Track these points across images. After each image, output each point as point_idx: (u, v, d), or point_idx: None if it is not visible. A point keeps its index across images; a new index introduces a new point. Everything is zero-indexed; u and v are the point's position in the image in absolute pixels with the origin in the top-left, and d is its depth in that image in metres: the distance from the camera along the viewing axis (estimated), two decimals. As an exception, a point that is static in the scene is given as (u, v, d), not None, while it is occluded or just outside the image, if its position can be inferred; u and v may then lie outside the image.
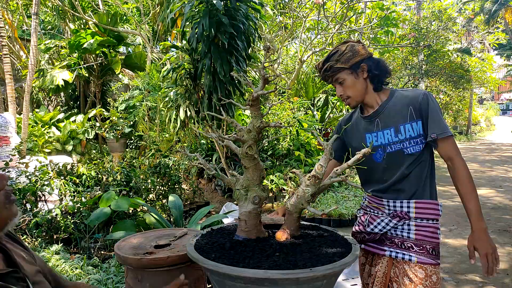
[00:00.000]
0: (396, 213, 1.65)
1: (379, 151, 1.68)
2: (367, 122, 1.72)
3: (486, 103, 33.54)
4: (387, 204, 1.68)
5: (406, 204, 1.64)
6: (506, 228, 4.90)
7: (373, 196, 1.74)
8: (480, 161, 10.83)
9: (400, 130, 1.62)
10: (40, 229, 3.37)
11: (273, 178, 5.63)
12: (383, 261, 1.68)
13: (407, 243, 1.63)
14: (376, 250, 1.71)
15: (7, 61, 6.40)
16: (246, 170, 1.59)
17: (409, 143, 1.61)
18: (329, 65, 1.67)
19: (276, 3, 7.91)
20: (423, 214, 1.63)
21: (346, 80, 1.67)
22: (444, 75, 12.25)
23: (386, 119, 1.66)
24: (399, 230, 1.65)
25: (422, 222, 1.63)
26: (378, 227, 1.68)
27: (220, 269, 1.28)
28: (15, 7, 10.13)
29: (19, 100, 9.16)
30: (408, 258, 1.61)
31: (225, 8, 4.10)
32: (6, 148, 5.36)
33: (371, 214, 1.75)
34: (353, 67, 1.65)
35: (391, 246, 1.67)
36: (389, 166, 1.66)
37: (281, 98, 8.00)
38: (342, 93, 1.70)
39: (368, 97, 1.70)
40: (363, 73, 1.66)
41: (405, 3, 15.18)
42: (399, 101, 1.65)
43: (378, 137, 1.68)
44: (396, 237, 1.66)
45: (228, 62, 4.22)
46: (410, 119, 1.61)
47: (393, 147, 1.64)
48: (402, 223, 1.64)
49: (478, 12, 18.72)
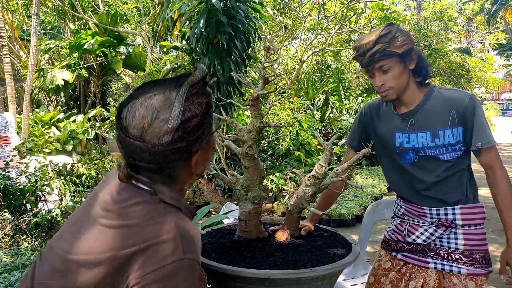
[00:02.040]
0: (440, 222, 1.50)
1: (410, 153, 1.54)
2: (400, 119, 1.55)
3: (486, 103, 33.54)
4: (429, 212, 1.53)
5: (451, 211, 1.50)
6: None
7: (411, 203, 1.59)
8: (480, 161, 10.79)
9: (439, 135, 1.47)
10: (40, 229, 3.36)
11: (273, 178, 5.63)
12: (430, 274, 1.51)
13: (454, 254, 1.49)
14: (418, 262, 1.55)
15: (7, 61, 6.40)
16: (246, 170, 1.59)
17: (447, 149, 1.48)
18: (381, 48, 1.41)
19: (276, 3, 7.91)
20: (470, 220, 1.50)
21: (393, 69, 1.44)
22: (444, 75, 12.25)
23: (423, 120, 1.49)
24: (445, 241, 1.51)
25: (470, 229, 1.50)
26: (421, 237, 1.54)
27: (220, 269, 1.28)
28: (15, 7, 10.12)
29: (19, 100, 9.16)
30: (457, 270, 1.48)
31: (224, 8, 4.10)
32: (6, 148, 5.36)
33: (410, 223, 1.60)
34: (404, 54, 1.43)
35: (436, 258, 1.52)
36: (421, 170, 1.53)
37: (281, 98, 8.00)
38: (383, 82, 1.47)
39: (408, 93, 1.50)
40: (411, 63, 1.47)
41: (405, 3, 15.18)
42: (440, 102, 1.48)
43: (410, 139, 1.52)
44: (441, 249, 1.52)
45: (227, 62, 4.22)
46: (451, 124, 1.46)
47: (427, 151, 1.50)
48: (448, 232, 1.50)
49: (478, 12, 18.72)
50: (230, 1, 4.07)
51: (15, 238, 3.35)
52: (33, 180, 3.60)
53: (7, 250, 3.14)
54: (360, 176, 7.01)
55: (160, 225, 0.86)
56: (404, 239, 1.59)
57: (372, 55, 1.43)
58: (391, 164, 1.64)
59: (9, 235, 3.33)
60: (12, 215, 3.46)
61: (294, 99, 7.58)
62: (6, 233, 3.31)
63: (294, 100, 7.40)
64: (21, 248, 3.19)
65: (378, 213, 2.70)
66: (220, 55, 4.19)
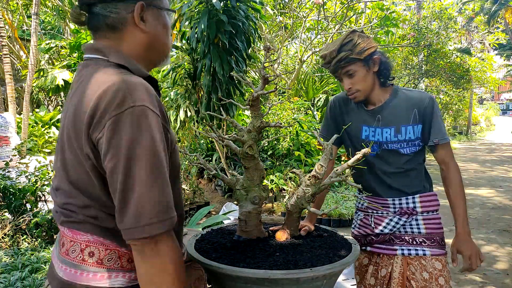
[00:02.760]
0: (402, 210, 1.64)
1: (374, 146, 1.66)
2: (368, 114, 1.67)
3: (486, 103, 33.55)
4: (392, 203, 1.66)
5: (412, 200, 1.65)
6: (506, 228, 4.90)
7: (374, 196, 1.71)
8: (480, 161, 10.83)
9: (401, 131, 1.61)
10: (40, 229, 3.37)
11: (273, 178, 5.63)
12: (396, 260, 1.64)
13: (418, 238, 1.63)
14: (386, 251, 1.67)
15: (7, 61, 6.40)
16: (246, 170, 1.59)
17: (407, 144, 1.62)
18: (344, 55, 1.55)
19: (276, 3, 7.91)
20: (428, 207, 1.65)
21: (358, 73, 1.58)
22: (444, 75, 12.25)
23: (388, 117, 1.63)
24: (408, 227, 1.65)
25: (428, 215, 1.65)
26: (388, 227, 1.66)
27: (220, 269, 1.28)
28: (15, 7, 10.13)
29: (19, 100, 9.16)
30: (422, 253, 1.61)
31: (224, 8, 4.10)
32: (6, 148, 5.36)
33: (374, 215, 1.72)
34: (367, 58, 1.57)
35: (402, 244, 1.64)
36: (383, 162, 1.66)
37: (281, 98, 8.00)
38: (351, 86, 1.60)
39: (374, 93, 1.64)
40: (374, 66, 1.59)
41: (405, 3, 15.18)
42: (404, 101, 1.62)
43: (376, 133, 1.65)
44: (406, 235, 1.65)
45: (227, 62, 4.22)
46: (413, 121, 1.60)
47: (389, 145, 1.64)
48: (410, 219, 1.64)
49: (478, 12, 18.71)
50: (230, 1, 4.07)
51: (15, 238, 3.35)
52: (33, 180, 3.60)
53: (7, 250, 3.14)
54: (360, 176, 7.01)
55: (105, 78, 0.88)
56: (373, 231, 1.69)
57: (337, 62, 1.57)
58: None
59: (9, 235, 3.33)
60: (12, 215, 3.46)
61: (294, 99, 7.58)
62: (6, 233, 3.31)
63: (294, 100, 7.40)
64: (21, 248, 3.19)
65: (378, 213, 2.71)
66: (220, 55, 4.19)
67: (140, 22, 0.96)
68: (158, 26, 0.99)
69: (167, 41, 1.03)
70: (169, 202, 0.86)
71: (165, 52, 1.04)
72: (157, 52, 1.02)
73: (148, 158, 0.83)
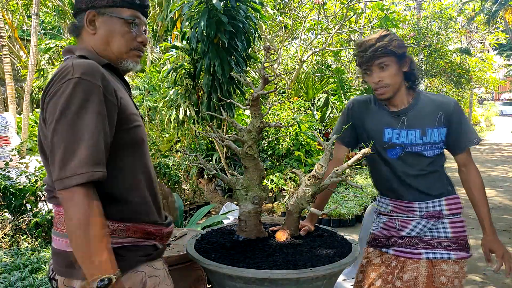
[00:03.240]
0: (429, 214, 1.63)
1: (397, 149, 1.64)
2: (391, 116, 1.66)
3: (486, 103, 33.54)
4: (418, 206, 1.65)
5: (438, 203, 1.64)
6: (506, 228, 4.90)
7: (399, 200, 1.69)
8: (480, 161, 10.82)
9: (427, 133, 1.61)
10: (40, 229, 3.36)
11: (273, 178, 5.63)
12: (422, 264, 1.62)
13: (444, 242, 1.63)
14: (410, 255, 1.64)
15: (7, 61, 6.40)
16: (246, 170, 1.59)
17: (430, 146, 1.62)
18: (382, 45, 1.54)
19: (276, 3, 7.90)
20: (453, 209, 1.65)
21: (391, 67, 1.56)
22: (444, 75, 12.25)
23: (414, 119, 1.62)
24: (434, 231, 1.64)
25: (454, 218, 1.65)
26: (415, 230, 1.64)
27: (220, 269, 1.28)
28: (15, 7, 10.13)
29: (19, 100, 9.16)
30: (448, 257, 1.61)
31: (224, 8, 4.10)
32: (6, 148, 5.36)
33: (399, 218, 1.69)
34: (401, 56, 1.57)
35: (427, 248, 1.63)
36: (405, 164, 1.64)
37: (281, 98, 7.99)
38: (381, 79, 1.57)
39: (399, 94, 1.63)
40: (405, 65, 1.60)
41: (405, 3, 15.19)
42: (428, 104, 1.63)
43: (400, 135, 1.64)
44: (432, 239, 1.63)
45: (227, 62, 4.22)
46: (438, 124, 1.61)
47: (414, 148, 1.63)
48: (437, 222, 1.63)
49: (478, 12, 18.72)
50: (230, 1, 4.07)
51: (15, 238, 3.35)
52: (33, 180, 3.59)
53: (7, 250, 3.14)
54: (360, 176, 7.01)
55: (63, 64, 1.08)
56: (398, 234, 1.67)
57: (374, 50, 1.54)
58: (377, 159, 1.73)
59: (9, 235, 3.33)
60: (12, 215, 3.45)
61: (294, 99, 7.58)
62: (6, 233, 3.31)
63: (294, 100, 7.40)
64: (21, 248, 3.19)
65: (378, 213, 2.70)
66: (220, 55, 4.19)
67: (89, 26, 1.18)
68: (106, 30, 1.19)
69: (111, 46, 1.20)
70: (92, 158, 0.97)
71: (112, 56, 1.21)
72: (110, 51, 1.20)
73: (74, 119, 0.98)
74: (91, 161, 0.97)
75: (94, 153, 0.98)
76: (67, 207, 0.96)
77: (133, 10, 1.22)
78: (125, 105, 1.12)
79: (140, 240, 1.14)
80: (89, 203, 0.96)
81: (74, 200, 0.95)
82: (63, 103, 0.99)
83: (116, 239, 1.08)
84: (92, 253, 0.95)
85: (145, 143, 1.19)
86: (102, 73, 1.06)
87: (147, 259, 1.15)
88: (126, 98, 1.15)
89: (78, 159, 0.96)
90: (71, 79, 1.00)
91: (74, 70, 1.02)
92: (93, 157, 0.97)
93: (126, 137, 1.11)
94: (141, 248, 1.14)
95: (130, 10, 1.21)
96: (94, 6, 1.17)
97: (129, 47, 1.22)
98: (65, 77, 1.01)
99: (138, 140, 1.16)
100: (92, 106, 1.00)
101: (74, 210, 0.95)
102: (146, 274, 1.13)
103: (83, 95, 1.00)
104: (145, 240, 1.16)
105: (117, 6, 1.19)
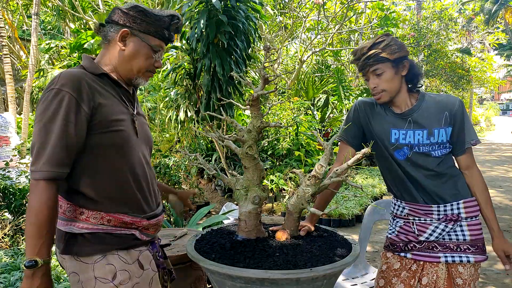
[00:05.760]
0: (447, 217, 1.62)
1: (405, 149, 1.64)
2: (397, 117, 1.66)
3: (486, 103, 33.55)
4: (436, 210, 1.64)
5: (456, 206, 1.63)
6: (506, 228, 4.90)
7: (415, 203, 1.67)
8: (480, 161, 10.82)
9: (434, 133, 1.62)
10: (40, 229, 3.36)
11: (273, 178, 5.63)
12: (441, 267, 1.62)
13: (462, 245, 1.61)
14: (429, 258, 1.64)
15: (7, 61, 6.40)
16: (246, 170, 1.59)
17: (438, 146, 1.63)
18: (374, 53, 1.58)
19: (276, 3, 7.91)
20: (471, 212, 1.64)
21: (386, 73, 1.59)
22: (444, 75, 12.25)
23: (420, 119, 1.63)
24: (453, 234, 1.63)
25: (472, 221, 1.64)
26: (434, 234, 1.63)
27: (220, 269, 1.28)
28: (15, 7, 10.13)
29: (19, 100, 9.17)
30: (466, 260, 1.60)
31: (224, 8, 4.10)
32: (6, 148, 5.36)
33: (416, 222, 1.68)
34: (397, 61, 1.59)
35: (446, 252, 1.62)
36: (413, 165, 1.64)
37: (281, 98, 7.99)
38: (376, 85, 1.62)
39: (399, 96, 1.65)
40: (403, 70, 1.62)
41: (405, 3, 15.19)
42: (433, 104, 1.64)
43: (407, 136, 1.64)
44: (450, 242, 1.63)
45: (227, 62, 4.22)
46: (444, 124, 1.62)
47: (421, 148, 1.63)
48: (455, 226, 1.62)
49: (478, 12, 18.72)
50: (230, 1, 4.07)
51: (15, 238, 3.35)
52: (33, 180, 3.59)
53: (7, 250, 3.14)
54: (360, 176, 7.01)
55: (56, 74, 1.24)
56: (416, 238, 1.66)
57: (366, 59, 1.60)
58: (385, 162, 1.72)
59: (9, 235, 3.33)
60: (12, 215, 3.45)
61: (294, 99, 7.58)
62: (6, 233, 3.31)
63: (294, 100, 7.40)
64: (21, 248, 3.19)
65: (378, 213, 2.71)
66: (220, 55, 4.19)
67: (120, 41, 1.33)
68: (133, 50, 1.34)
69: (133, 64, 1.35)
70: (55, 159, 1.15)
71: (130, 71, 1.36)
72: (126, 68, 1.36)
73: (47, 125, 1.16)
74: (54, 162, 1.15)
75: (56, 155, 1.16)
76: (30, 193, 1.16)
77: (161, 41, 1.38)
78: (106, 111, 1.25)
79: (115, 229, 1.26)
80: (46, 195, 1.14)
81: (35, 190, 1.15)
82: (42, 109, 1.18)
83: (87, 225, 1.23)
84: (32, 236, 1.13)
85: (128, 145, 1.30)
86: (81, 84, 1.21)
87: (120, 248, 1.26)
88: (110, 104, 1.28)
89: (45, 158, 1.15)
90: (53, 89, 1.18)
91: (58, 81, 1.19)
92: (55, 159, 1.15)
93: (105, 140, 1.25)
94: (114, 236, 1.26)
95: (158, 40, 1.37)
96: (131, 27, 1.33)
97: (146, 68, 1.38)
98: (49, 86, 1.20)
99: (118, 143, 1.28)
100: (63, 114, 1.17)
101: (32, 198, 1.14)
102: (116, 267, 1.24)
103: (57, 104, 1.17)
104: (122, 229, 1.28)
105: (150, 34, 1.35)
